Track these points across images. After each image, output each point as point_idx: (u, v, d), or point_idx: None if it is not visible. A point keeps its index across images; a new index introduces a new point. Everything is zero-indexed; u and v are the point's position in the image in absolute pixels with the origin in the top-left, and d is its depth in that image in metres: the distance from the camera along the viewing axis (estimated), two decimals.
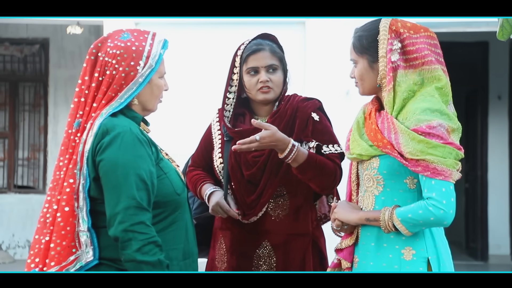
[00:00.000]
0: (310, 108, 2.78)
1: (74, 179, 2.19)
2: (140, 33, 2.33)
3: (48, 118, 9.00)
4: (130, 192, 2.12)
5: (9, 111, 9.09)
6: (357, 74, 2.39)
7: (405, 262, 2.26)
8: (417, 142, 2.19)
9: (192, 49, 6.41)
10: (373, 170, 2.32)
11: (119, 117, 2.24)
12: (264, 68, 2.77)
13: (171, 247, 2.26)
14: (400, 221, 2.20)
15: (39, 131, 9.11)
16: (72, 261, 2.17)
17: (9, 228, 8.81)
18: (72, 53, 8.93)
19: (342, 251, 2.42)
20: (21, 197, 8.91)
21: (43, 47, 9.03)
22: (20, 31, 8.89)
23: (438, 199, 2.16)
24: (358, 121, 2.41)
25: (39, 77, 9.09)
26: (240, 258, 2.77)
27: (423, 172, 2.18)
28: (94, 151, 2.18)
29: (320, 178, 2.67)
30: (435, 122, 2.20)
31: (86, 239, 2.17)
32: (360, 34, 2.38)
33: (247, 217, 2.74)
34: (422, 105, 2.24)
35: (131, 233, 2.09)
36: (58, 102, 8.94)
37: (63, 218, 2.18)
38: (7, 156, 9.09)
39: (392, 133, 2.24)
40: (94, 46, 2.31)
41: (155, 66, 2.30)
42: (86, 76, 2.29)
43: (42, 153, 9.08)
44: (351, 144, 2.39)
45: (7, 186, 9.06)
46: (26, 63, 9.12)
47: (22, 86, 9.12)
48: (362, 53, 2.36)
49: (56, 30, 8.85)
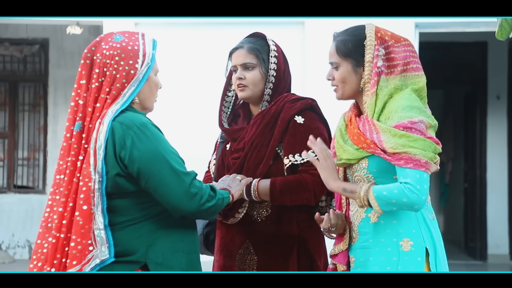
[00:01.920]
0: (295, 109, 2.72)
1: (89, 178, 2.21)
2: (130, 34, 2.39)
3: (47, 118, 9.00)
4: (181, 169, 2.26)
5: (9, 111, 9.09)
6: (339, 77, 2.43)
7: (404, 253, 2.31)
8: (398, 137, 2.26)
9: (191, 49, 6.40)
10: (362, 171, 2.37)
11: (128, 112, 2.29)
12: (240, 66, 2.78)
13: (178, 238, 2.31)
14: (375, 197, 2.26)
15: (38, 131, 9.12)
16: (89, 260, 2.20)
17: (9, 228, 8.81)
18: (71, 53, 8.93)
19: (337, 255, 2.47)
20: (21, 197, 8.91)
21: (42, 47, 9.04)
22: (20, 31, 8.89)
23: (413, 183, 2.22)
24: (340, 128, 2.46)
25: (39, 77, 9.09)
26: (226, 257, 2.78)
27: (406, 164, 2.24)
28: (115, 147, 2.21)
29: (294, 197, 2.66)
30: (416, 118, 2.28)
31: (102, 237, 2.20)
32: (345, 38, 2.43)
33: (227, 218, 2.74)
34: (401, 102, 2.32)
35: (207, 202, 2.30)
36: (57, 102, 8.95)
37: (82, 217, 2.20)
38: (7, 156, 9.09)
39: (374, 133, 2.31)
40: (88, 51, 2.35)
41: (151, 64, 2.35)
42: (83, 80, 2.32)
43: (42, 153, 9.08)
44: (337, 150, 2.43)
45: (7, 186, 9.06)
46: (25, 63, 9.12)
47: (21, 86, 9.12)
48: (346, 57, 2.41)
49: (56, 30, 8.85)
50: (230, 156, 2.79)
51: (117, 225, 2.24)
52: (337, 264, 2.46)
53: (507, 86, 8.95)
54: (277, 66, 2.78)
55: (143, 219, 2.26)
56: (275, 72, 2.78)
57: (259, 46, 2.79)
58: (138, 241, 2.24)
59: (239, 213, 2.72)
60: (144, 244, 2.24)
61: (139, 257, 2.24)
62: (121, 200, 2.25)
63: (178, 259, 2.29)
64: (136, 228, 2.25)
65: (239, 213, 2.72)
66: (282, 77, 2.80)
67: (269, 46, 2.79)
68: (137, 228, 2.25)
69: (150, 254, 2.25)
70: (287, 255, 2.71)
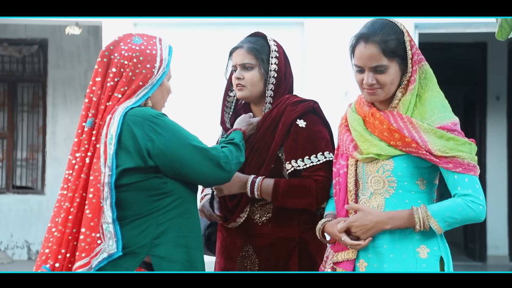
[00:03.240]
0: (296, 112, 2.68)
1: (99, 172, 2.22)
2: (149, 37, 2.42)
3: (46, 118, 9.00)
4: (204, 146, 2.34)
5: (8, 111, 9.09)
6: (389, 79, 2.30)
7: (421, 260, 2.27)
8: (446, 140, 2.22)
9: (190, 50, 6.40)
10: (385, 172, 2.30)
11: (137, 108, 2.30)
12: (239, 66, 2.77)
13: (187, 234, 2.32)
14: (437, 222, 2.21)
15: (37, 132, 9.11)
16: (97, 253, 2.20)
17: (7, 228, 8.80)
18: (70, 54, 8.93)
19: (341, 263, 2.39)
20: (20, 198, 8.91)
21: (41, 48, 9.03)
22: (18, 32, 8.88)
23: (475, 195, 2.20)
24: (358, 121, 2.38)
25: (38, 77, 9.09)
26: (226, 260, 2.77)
27: (455, 168, 2.20)
28: (137, 140, 2.22)
29: (296, 200, 2.64)
30: (455, 119, 2.27)
31: (110, 231, 2.20)
32: (385, 38, 2.30)
33: (228, 222, 2.74)
34: (435, 101, 2.28)
35: (237, 162, 2.43)
36: (56, 103, 8.94)
37: (91, 210, 2.21)
38: (6, 157, 9.08)
39: (414, 132, 2.25)
40: (107, 49, 2.37)
41: (166, 70, 2.39)
42: (98, 77, 2.34)
43: (41, 153, 9.08)
44: (363, 144, 2.34)
45: (6, 186, 9.05)
46: (24, 64, 9.12)
47: (20, 87, 9.12)
48: (393, 57, 2.30)
49: (55, 30, 8.85)
50: None
51: (124, 220, 2.24)
52: (340, 270, 2.38)
53: (507, 86, 8.96)
54: (278, 67, 2.75)
55: (150, 212, 2.27)
56: (276, 73, 2.75)
57: (258, 46, 2.77)
58: (143, 234, 2.25)
59: (240, 218, 2.72)
60: (149, 237, 2.25)
61: (143, 249, 2.25)
62: (129, 193, 2.25)
63: (181, 254, 2.29)
64: (142, 222, 2.26)
65: (240, 218, 2.72)
66: (283, 78, 2.77)
67: (269, 47, 2.77)
68: (143, 222, 2.26)
69: (154, 248, 2.25)
70: (288, 257, 2.70)
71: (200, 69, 6.37)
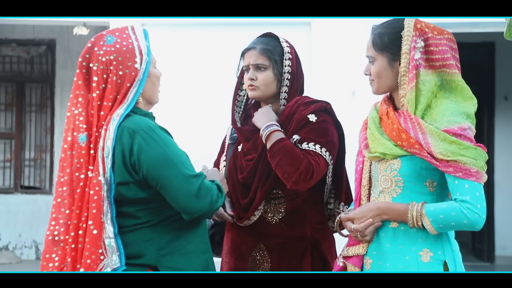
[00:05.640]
0: (308, 110, 2.69)
1: (100, 186, 2.19)
2: (121, 31, 2.33)
3: (54, 118, 9.02)
4: (189, 172, 2.23)
5: (16, 112, 9.11)
6: (375, 71, 2.35)
7: (423, 264, 2.24)
8: (448, 143, 2.18)
9: (197, 50, 6.41)
10: (393, 172, 2.29)
11: (134, 116, 2.26)
12: (252, 66, 2.76)
13: (188, 240, 2.29)
14: (430, 222, 2.19)
15: (45, 132, 9.13)
16: (100, 269, 2.18)
17: (15, 228, 8.83)
18: (78, 54, 8.83)
19: (351, 257, 2.39)
20: (28, 198, 8.93)
21: (49, 48, 9.05)
22: (26, 32, 8.91)
23: (473, 202, 2.16)
24: (374, 120, 2.38)
25: (46, 78, 9.11)
26: (237, 259, 2.76)
27: (455, 173, 2.17)
28: (124, 155, 2.19)
29: (284, 161, 2.58)
30: (465, 124, 2.22)
31: (112, 246, 2.18)
32: (381, 31, 2.34)
33: (241, 220, 2.72)
34: (450, 105, 2.24)
35: (216, 203, 2.28)
36: (64, 103, 8.95)
37: (95, 226, 2.18)
38: (14, 157, 9.11)
39: (419, 133, 2.23)
40: (83, 59, 2.30)
41: (149, 59, 2.31)
42: (80, 90, 2.29)
43: (49, 153, 9.10)
44: (372, 142, 2.35)
45: (14, 186, 9.08)
46: (32, 64, 9.14)
47: (28, 87, 9.14)
48: (383, 50, 2.33)
49: (63, 31, 8.87)
50: (243, 158, 2.76)
51: (127, 227, 2.23)
52: (349, 265, 2.39)
53: None
54: (291, 68, 2.76)
55: (154, 222, 2.25)
56: (290, 74, 2.76)
57: (271, 47, 2.77)
58: (148, 244, 2.23)
59: (254, 215, 2.71)
60: (154, 248, 2.23)
61: (149, 261, 2.23)
62: (131, 207, 2.23)
63: (188, 261, 2.27)
64: (146, 231, 2.24)
65: (254, 215, 2.71)
66: (295, 79, 2.78)
67: (282, 48, 2.77)
68: (148, 232, 2.24)
69: (160, 258, 2.24)
70: (301, 257, 2.70)
71: (207, 69, 6.37)
